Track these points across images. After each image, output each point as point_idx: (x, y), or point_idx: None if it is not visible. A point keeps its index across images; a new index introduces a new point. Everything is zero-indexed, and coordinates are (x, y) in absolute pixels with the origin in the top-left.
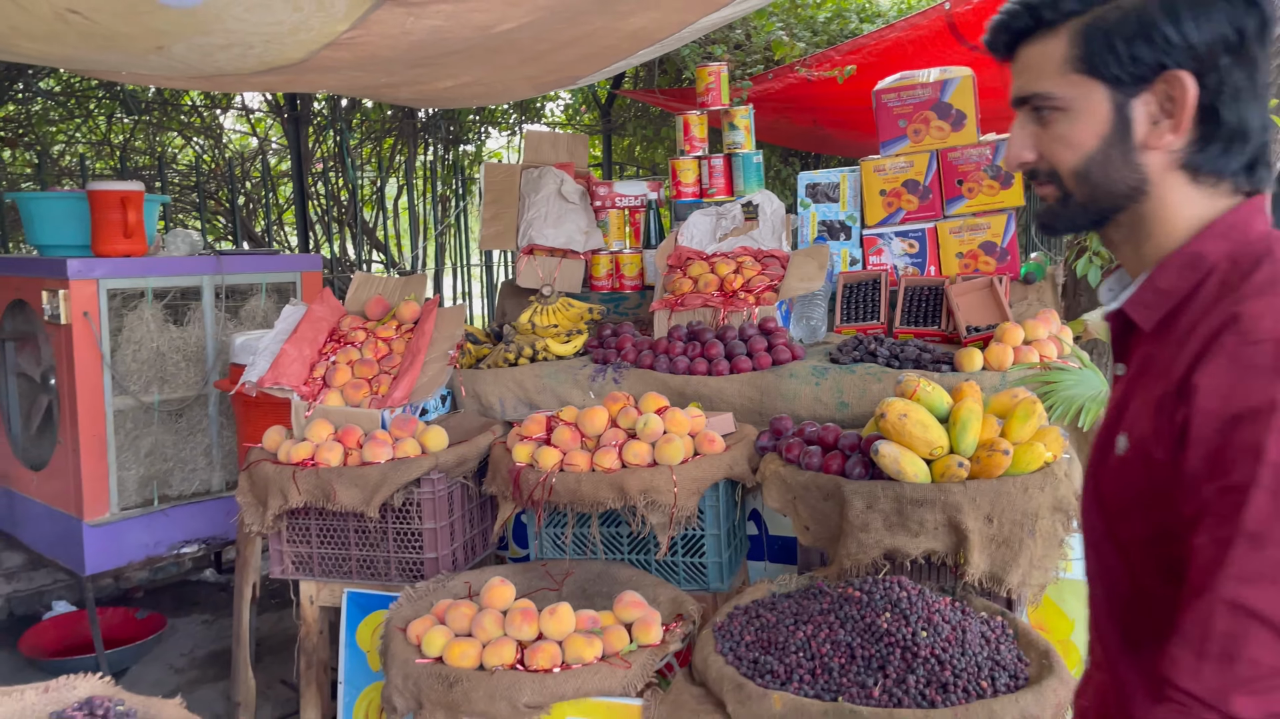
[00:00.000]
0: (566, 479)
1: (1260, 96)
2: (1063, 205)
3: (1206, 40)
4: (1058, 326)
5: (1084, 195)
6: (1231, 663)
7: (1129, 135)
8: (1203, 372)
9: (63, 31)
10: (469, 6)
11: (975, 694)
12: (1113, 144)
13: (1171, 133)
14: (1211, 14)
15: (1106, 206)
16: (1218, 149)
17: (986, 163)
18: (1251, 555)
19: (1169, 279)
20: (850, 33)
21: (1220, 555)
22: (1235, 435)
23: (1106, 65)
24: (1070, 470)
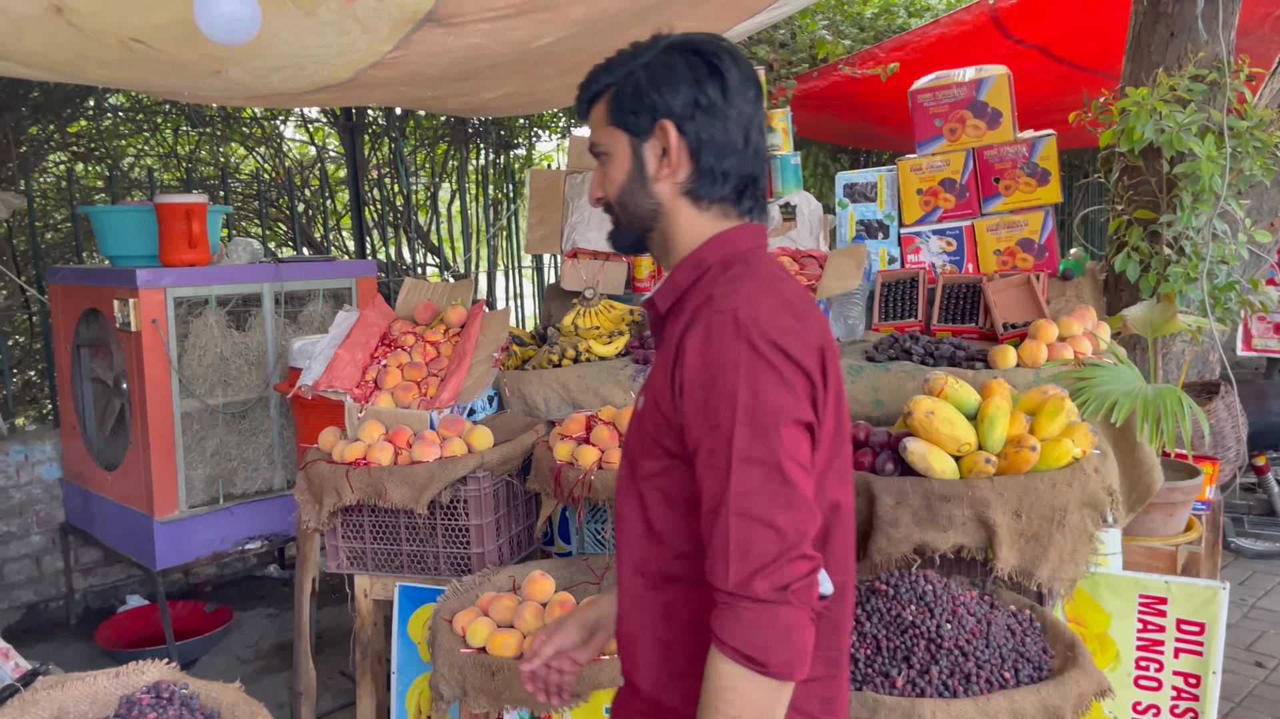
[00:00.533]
0: (605, 476)
1: (739, 145)
2: (617, 227)
3: (680, 102)
4: (1094, 323)
5: (626, 219)
6: (746, 558)
7: (644, 171)
8: (688, 335)
9: (128, 58)
10: (506, 25)
11: (998, 685)
12: (634, 178)
13: (668, 168)
14: (677, 85)
15: (640, 226)
16: (707, 182)
17: (1023, 160)
18: (744, 475)
19: (680, 275)
20: (898, 28)
21: (722, 481)
22: (714, 385)
23: (624, 119)
24: (1100, 466)
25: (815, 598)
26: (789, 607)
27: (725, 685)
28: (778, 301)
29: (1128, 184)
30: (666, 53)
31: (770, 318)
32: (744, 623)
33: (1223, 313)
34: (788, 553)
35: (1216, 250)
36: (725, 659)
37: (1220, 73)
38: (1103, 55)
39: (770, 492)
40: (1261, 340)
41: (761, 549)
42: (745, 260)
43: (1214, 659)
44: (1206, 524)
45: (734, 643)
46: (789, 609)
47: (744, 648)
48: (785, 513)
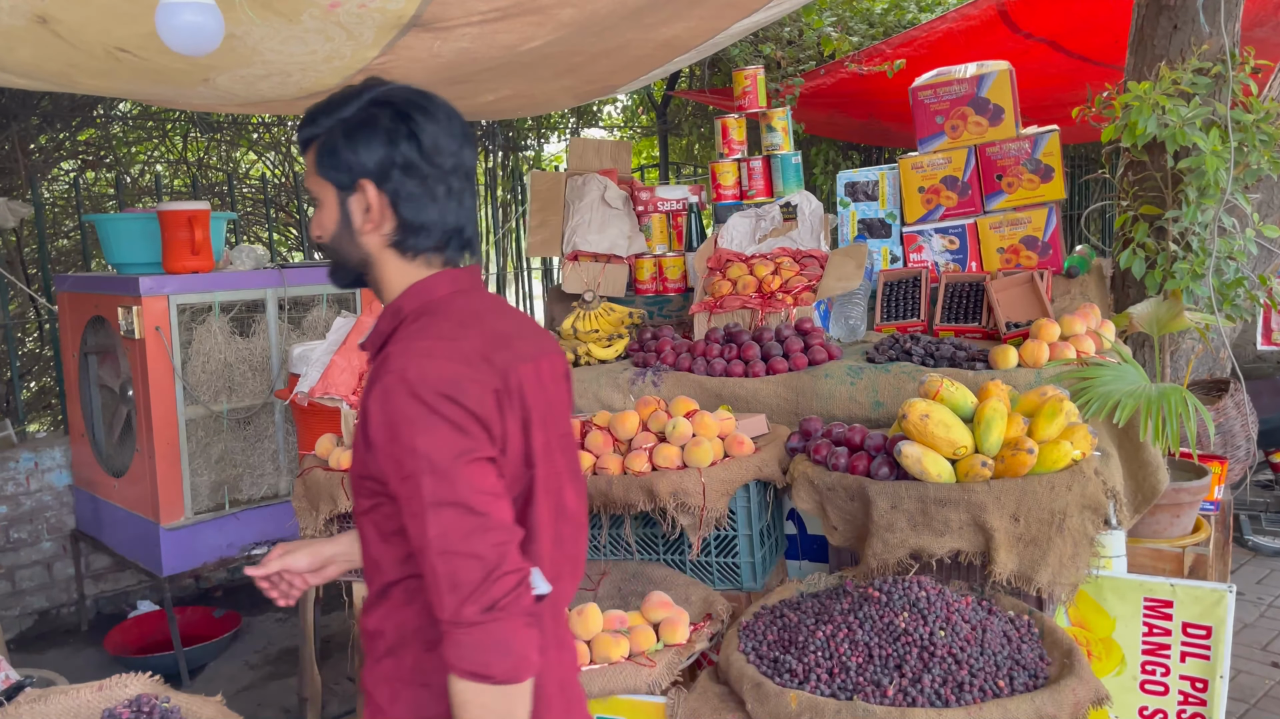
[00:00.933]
0: (598, 482)
1: (440, 198)
2: (331, 267)
3: (376, 161)
4: (1098, 321)
5: (335, 262)
6: (456, 589)
7: (351, 224)
8: (370, 397)
9: (116, 68)
10: (493, 28)
11: (991, 694)
12: (343, 229)
13: (372, 223)
14: (374, 145)
15: (353, 270)
16: (410, 235)
17: (1026, 156)
18: (437, 519)
19: (383, 323)
20: (909, 23)
21: (421, 526)
22: (396, 441)
23: (328, 173)
24: (1101, 468)
25: (528, 604)
26: (499, 622)
27: (463, 701)
28: (450, 351)
29: (1132, 179)
30: (367, 109)
31: (439, 371)
32: (464, 646)
33: (1231, 309)
34: (492, 574)
35: (1224, 246)
36: (459, 679)
37: (1224, 65)
38: (1114, 48)
39: (464, 527)
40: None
41: (467, 578)
42: (434, 310)
43: (1221, 663)
44: (1215, 525)
45: (461, 665)
46: (499, 624)
47: (470, 667)
48: (482, 541)
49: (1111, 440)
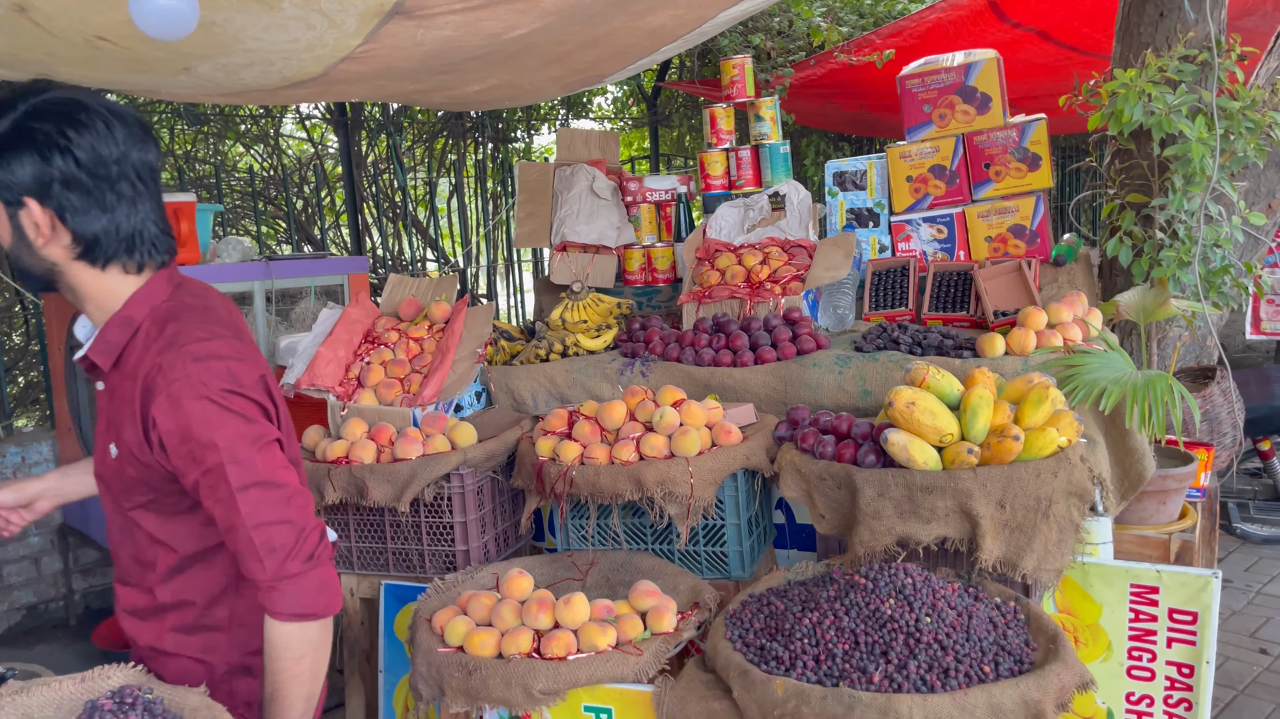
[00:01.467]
0: (586, 472)
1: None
2: (16, 272)
3: (32, 178)
4: (1085, 309)
5: (20, 270)
6: (274, 553)
7: (26, 238)
8: (155, 407)
9: (95, 56)
10: (477, 16)
11: (977, 679)
12: (20, 242)
13: (44, 238)
14: (24, 162)
15: (39, 279)
16: (90, 246)
17: (1013, 145)
18: (246, 499)
19: (113, 334)
20: (899, 13)
21: (231, 508)
22: (192, 440)
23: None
24: (1087, 455)
25: (331, 551)
26: (317, 568)
27: (287, 642)
28: (217, 348)
29: (1119, 167)
30: (19, 125)
31: (216, 370)
32: (290, 595)
33: (1217, 297)
34: (303, 532)
35: (1210, 233)
36: (284, 624)
37: (1211, 53)
38: (1103, 38)
39: (270, 500)
40: (1271, 324)
41: (283, 541)
42: (175, 315)
43: (1207, 649)
44: (1202, 511)
45: (289, 611)
46: (317, 571)
47: (297, 610)
48: (288, 508)
49: (1098, 427)
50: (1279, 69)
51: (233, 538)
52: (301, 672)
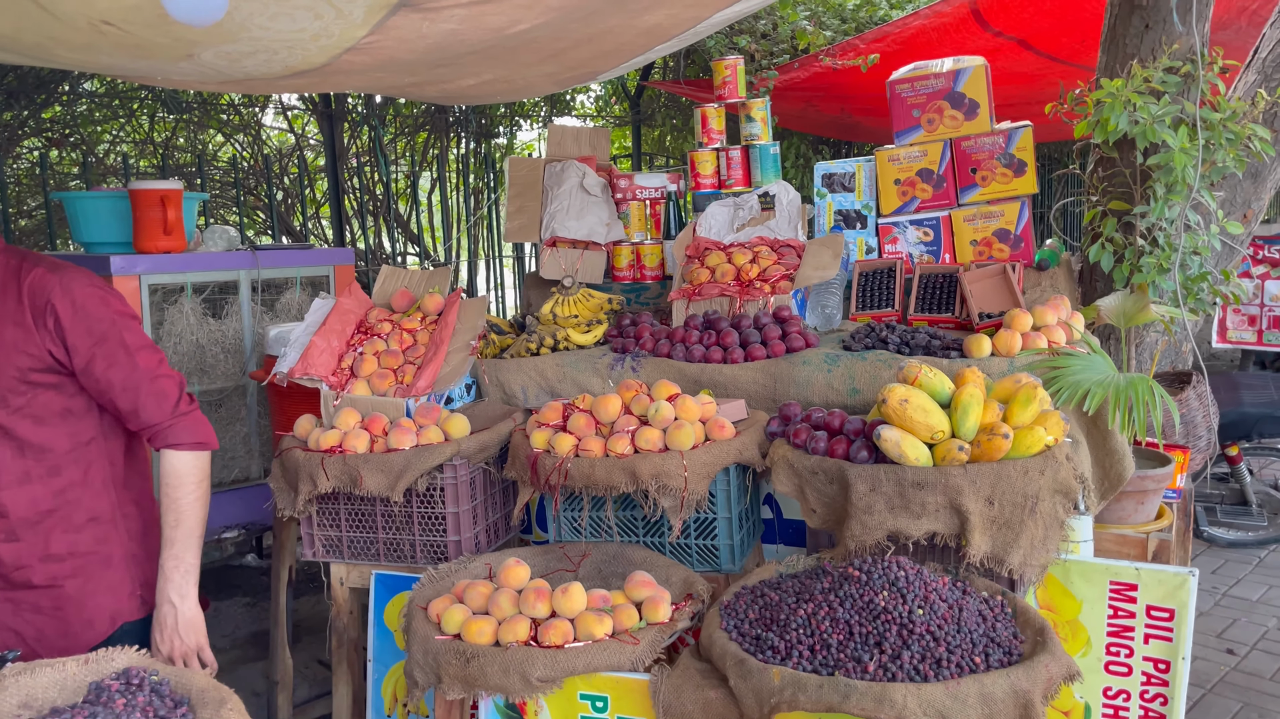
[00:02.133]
0: (581, 464)
1: None
2: None
3: None
4: (1068, 313)
5: None
6: (167, 396)
7: None
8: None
9: (98, 41)
10: (483, 10)
11: (968, 669)
12: None
13: None
14: None
15: None
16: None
17: (1000, 151)
18: (143, 356)
19: None
20: (880, 19)
21: (130, 367)
22: (90, 317)
23: None
24: (1072, 454)
25: None
26: (196, 410)
27: (187, 469)
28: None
29: (1102, 175)
30: None
31: (95, 278)
32: (188, 428)
33: (1195, 303)
34: (181, 385)
35: (1189, 241)
36: (186, 453)
37: (1194, 65)
38: (1082, 48)
39: (157, 359)
40: (1236, 332)
41: (172, 389)
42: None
43: (1183, 645)
44: (1177, 512)
45: (190, 440)
46: (197, 413)
47: (196, 439)
48: (168, 366)
49: (1080, 428)
50: (1256, 82)
51: (131, 394)
52: (200, 496)
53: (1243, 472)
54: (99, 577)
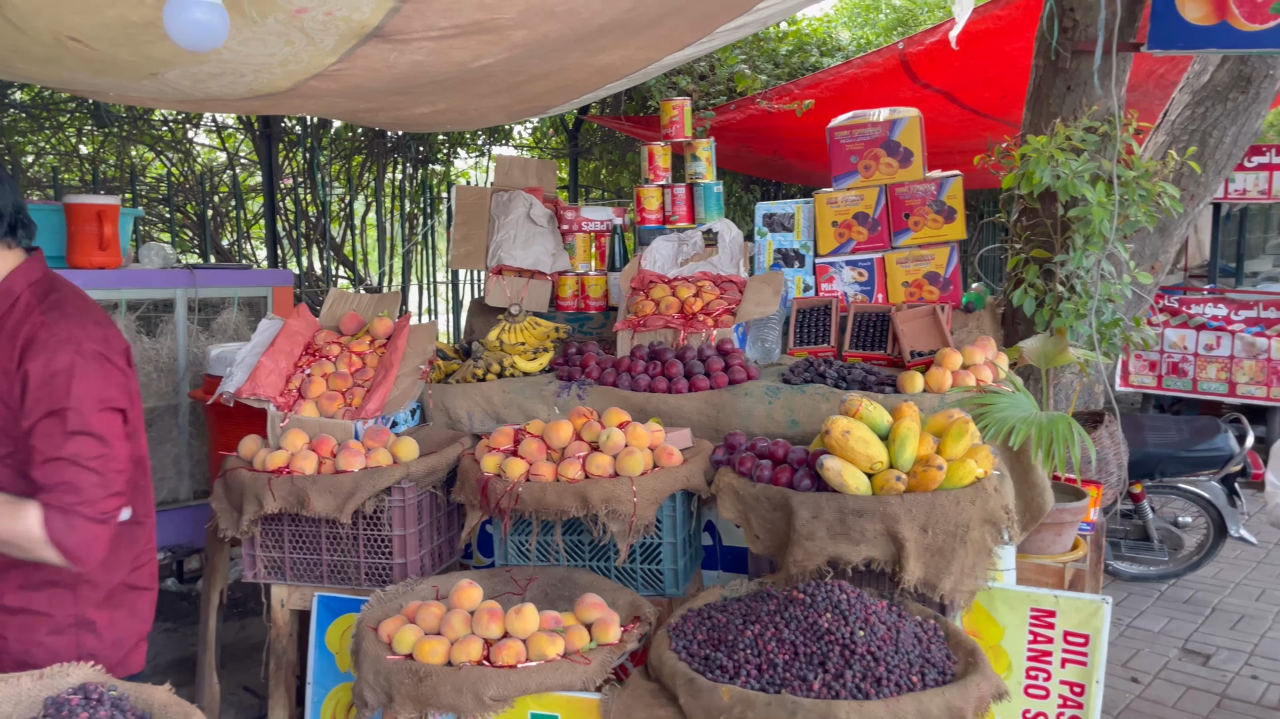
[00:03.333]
0: (533, 488)
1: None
2: None
3: None
4: (994, 353)
5: None
6: (77, 491)
7: None
8: (30, 354)
9: (62, 56)
10: (450, 44)
11: (906, 688)
12: None
13: None
14: None
15: None
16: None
17: (931, 198)
18: (76, 441)
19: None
20: (811, 65)
21: (57, 444)
22: (53, 384)
23: None
24: (999, 486)
25: (116, 520)
26: (99, 526)
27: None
28: (96, 316)
29: (1026, 224)
30: None
31: (92, 333)
32: (66, 530)
33: (1108, 347)
34: (106, 488)
35: (1104, 289)
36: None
37: (1111, 125)
38: (1002, 103)
39: (93, 451)
40: (1138, 377)
41: (87, 485)
42: (54, 288)
43: (1097, 669)
44: (1091, 544)
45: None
46: (98, 527)
47: (61, 543)
48: (105, 464)
49: (1005, 462)
50: (1166, 143)
51: (47, 469)
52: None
53: (1146, 509)
54: (43, 639)
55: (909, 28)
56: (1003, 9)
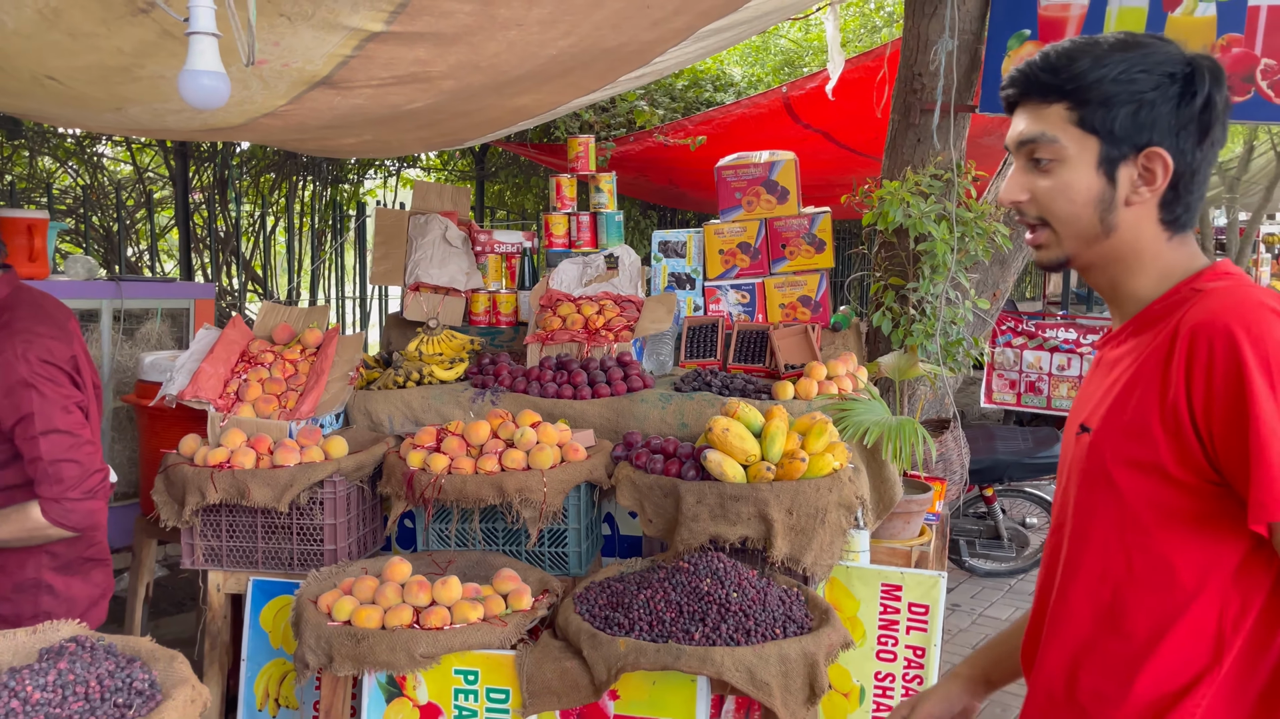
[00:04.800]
0: (454, 480)
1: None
2: None
3: None
4: (855, 366)
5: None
6: (60, 482)
7: None
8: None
9: (35, 91)
10: (387, 90)
11: (770, 638)
12: None
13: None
14: None
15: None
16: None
17: (804, 231)
18: (48, 440)
19: None
20: (705, 100)
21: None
22: (15, 394)
23: None
24: (853, 477)
25: (109, 488)
26: (90, 501)
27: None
28: (41, 330)
29: (884, 256)
30: None
31: (37, 347)
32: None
33: (952, 363)
34: (85, 471)
35: (949, 313)
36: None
37: (954, 174)
38: (875, 143)
39: (64, 444)
40: (1000, 394)
41: (69, 475)
42: (11, 307)
43: (935, 634)
44: (935, 531)
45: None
46: (90, 502)
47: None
48: (78, 452)
49: (861, 459)
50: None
51: (34, 467)
52: (23, 537)
53: (996, 510)
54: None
55: (795, 68)
56: (873, 60)
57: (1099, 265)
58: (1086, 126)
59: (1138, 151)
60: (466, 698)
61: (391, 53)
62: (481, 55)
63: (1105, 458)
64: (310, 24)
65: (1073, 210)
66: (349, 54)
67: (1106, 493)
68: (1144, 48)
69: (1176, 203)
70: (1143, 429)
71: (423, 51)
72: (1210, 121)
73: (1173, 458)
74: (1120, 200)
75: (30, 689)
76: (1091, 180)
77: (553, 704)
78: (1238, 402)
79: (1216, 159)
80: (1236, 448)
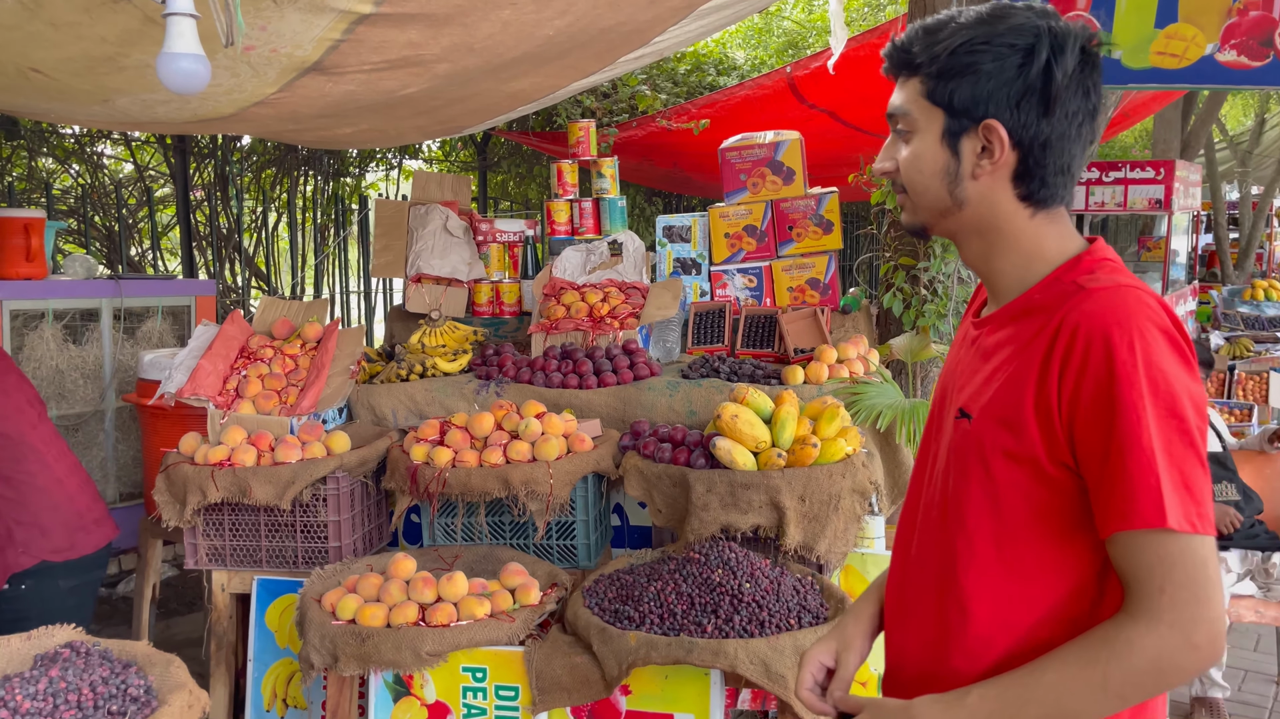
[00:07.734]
0: (459, 473)
1: None
2: None
3: None
4: (866, 349)
5: None
6: None
7: None
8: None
9: (21, 85)
10: (380, 76)
11: (785, 629)
12: None
13: None
14: None
15: None
16: None
17: (812, 212)
18: None
19: None
20: (708, 84)
21: None
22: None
23: None
24: (867, 462)
25: None
26: None
27: None
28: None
29: (894, 236)
30: None
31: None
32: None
33: None
34: None
35: (961, 292)
36: None
37: None
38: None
39: None
40: None
41: None
42: None
43: None
44: None
45: None
46: None
47: None
48: None
49: (875, 443)
50: None
51: None
52: None
53: None
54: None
55: (798, 49)
56: (879, 37)
57: (960, 238)
58: (933, 100)
59: (977, 124)
60: (475, 696)
61: (382, 35)
62: (475, 36)
63: (984, 446)
64: (297, 6)
65: (923, 181)
66: (339, 38)
67: (982, 481)
68: (1001, 20)
69: (1030, 177)
70: (1019, 422)
71: (414, 34)
72: (1052, 92)
73: (1045, 452)
74: (966, 173)
75: (20, 698)
76: (937, 152)
77: (563, 701)
78: (1104, 407)
79: (1089, 134)
80: (1095, 450)
